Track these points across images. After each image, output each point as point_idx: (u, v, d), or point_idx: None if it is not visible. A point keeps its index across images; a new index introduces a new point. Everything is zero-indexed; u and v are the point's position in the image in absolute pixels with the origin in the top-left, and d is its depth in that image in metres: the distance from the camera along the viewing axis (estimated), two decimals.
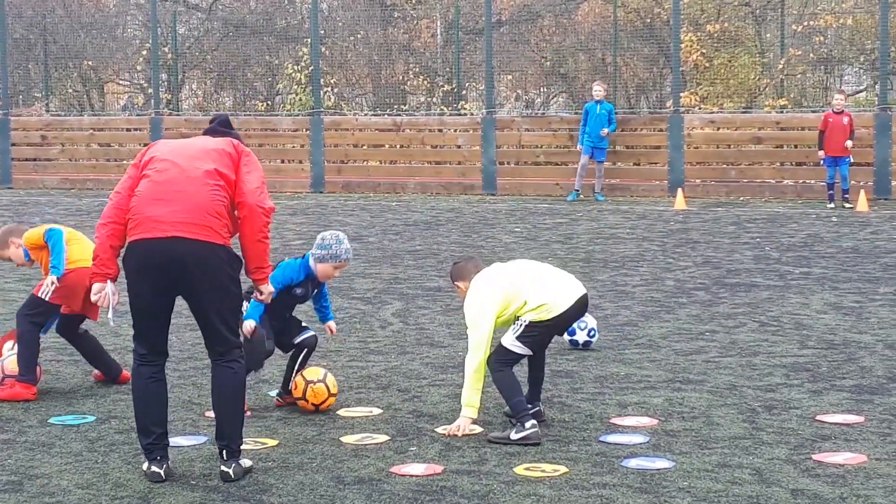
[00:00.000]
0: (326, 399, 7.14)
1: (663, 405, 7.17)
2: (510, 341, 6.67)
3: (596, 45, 25.75)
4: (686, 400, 7.27)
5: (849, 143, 18.39)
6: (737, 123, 21.40)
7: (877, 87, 21.43)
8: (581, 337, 8.67)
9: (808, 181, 20.27)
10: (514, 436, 6.45)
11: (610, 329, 9.42)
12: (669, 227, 16.17)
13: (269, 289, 6.12)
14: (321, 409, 7.12)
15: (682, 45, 22.52)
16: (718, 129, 21.42)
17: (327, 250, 7.14)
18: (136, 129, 24.68)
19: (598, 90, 20.42)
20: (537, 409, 6.80)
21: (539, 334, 6.71)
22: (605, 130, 20.05)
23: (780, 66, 23.82)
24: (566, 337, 8.53)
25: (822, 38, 24.73)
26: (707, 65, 24.29)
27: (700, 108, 22.80)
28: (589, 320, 8.56)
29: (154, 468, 5.86)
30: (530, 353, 6.77)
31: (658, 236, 15.22)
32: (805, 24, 24.16)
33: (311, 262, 7.20)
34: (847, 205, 18.31)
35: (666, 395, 7.38)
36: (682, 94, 21.91)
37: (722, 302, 10.59)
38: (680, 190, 19.40)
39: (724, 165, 20.84)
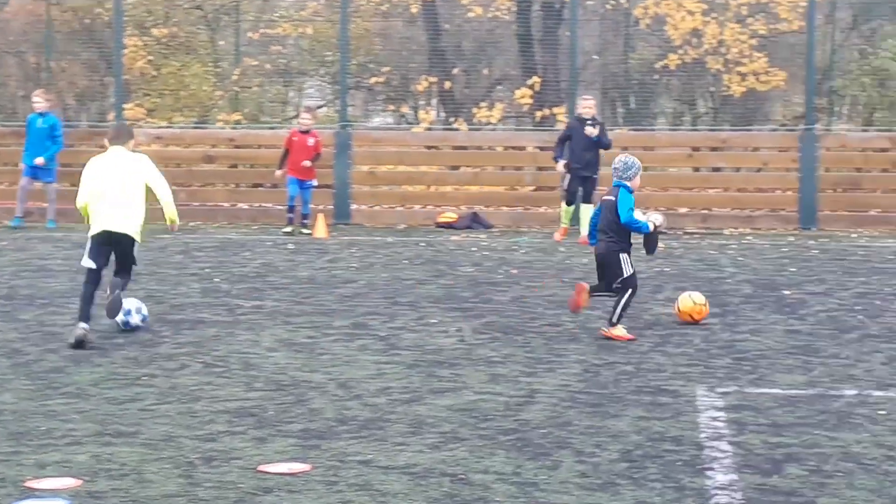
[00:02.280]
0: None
1: (89, 462, 7.04)
2: (83, 258, 10.21)
3: (27, 48, 25.12)
4: (116, 455, 7.19)
5: (306, 163, 18.99)
6: (187, 140, 21.58)
7: (338, 102, 22.29)
8: (135, 320, 10.86)
9: (265, 204, 20.78)
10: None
11: (33, 377, 9.17)
12: None
13: None
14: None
15: (126, 51, 22.42)
16: (167, 145, 21.49)
17: (635, 166, 10.70)
18: None
19: (39, 101, 19.76)
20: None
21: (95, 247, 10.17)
22: (41, 159, 19.37)
23: (235, 77, 24.24)
24: (120, 317, 10.64)
25: (280, 48, 25.44)
26: (155, 73, 24.32)
27: (147, 122, 22.75)
28: (143, 307, 10.96)
29: None
30: (94, 265, 10.08)
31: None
32: (262, 31, 24.74)
33: (629, 184, 10.60)
34: (305, 230, 18.92)
35: (93, 451, 7.26)
36: (126, 106, 21.80)
37: (164, 341, 10.59)
38: None
39: (175, 187, 20.86)
